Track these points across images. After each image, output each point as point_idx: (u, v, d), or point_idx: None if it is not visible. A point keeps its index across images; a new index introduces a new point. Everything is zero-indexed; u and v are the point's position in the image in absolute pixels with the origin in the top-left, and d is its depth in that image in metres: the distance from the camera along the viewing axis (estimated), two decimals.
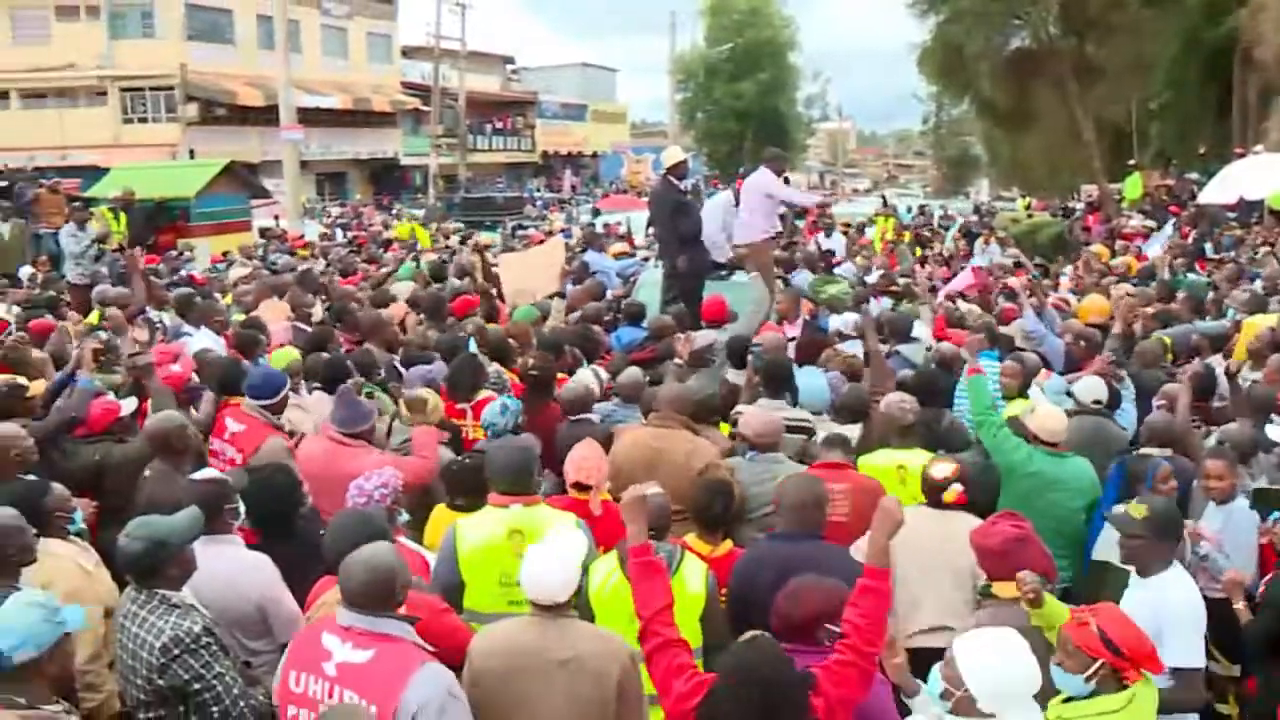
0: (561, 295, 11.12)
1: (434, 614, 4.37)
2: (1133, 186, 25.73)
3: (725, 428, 7.17)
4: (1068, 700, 3.79)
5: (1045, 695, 3.73)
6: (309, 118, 39.09)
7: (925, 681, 3.75)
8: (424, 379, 7.33)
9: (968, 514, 5.21)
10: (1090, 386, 7.55)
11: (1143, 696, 3.72)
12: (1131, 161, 29.42)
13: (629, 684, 3.99)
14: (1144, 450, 6.36)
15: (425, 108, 53.42)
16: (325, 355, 8.03)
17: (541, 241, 19.32)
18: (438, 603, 4.52)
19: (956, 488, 5.23)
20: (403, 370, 8.39)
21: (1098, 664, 3.71)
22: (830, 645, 3.77)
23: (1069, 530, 5.76)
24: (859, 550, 4.97)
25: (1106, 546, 5.38)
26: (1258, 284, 12.88)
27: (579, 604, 4.62)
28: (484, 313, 10.12)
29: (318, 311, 10.27)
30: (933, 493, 5.30)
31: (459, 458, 5.98)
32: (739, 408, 7.39)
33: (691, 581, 4.61)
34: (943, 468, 5.33)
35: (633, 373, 7.55)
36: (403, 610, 3.79)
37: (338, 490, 5.35)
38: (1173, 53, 28.97)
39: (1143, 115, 32.85)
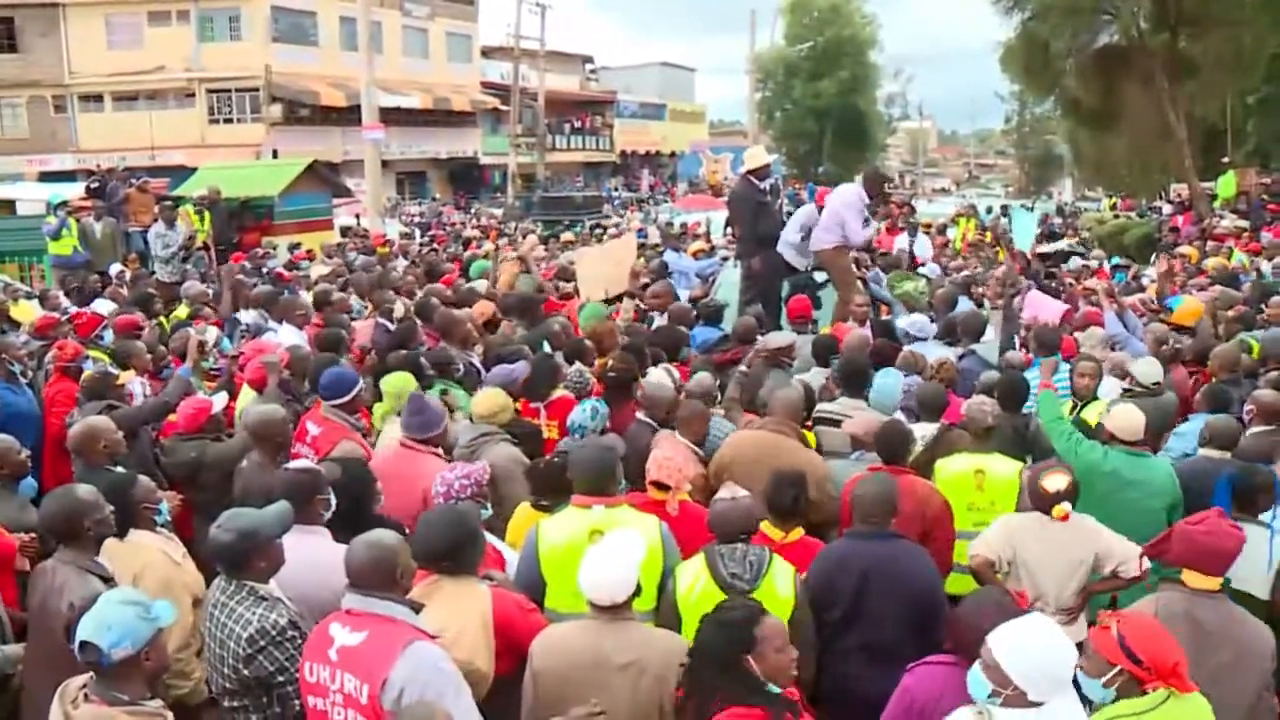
0: (631, 295, 11.08)
1: (521, 612, 4.42)
2: (1226, 185, 25.11)
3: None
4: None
5: None
6: (390, 117, 39.59)
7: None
8: (506, 378, 7.37)
9: (1078, 515, 5.26)
10: (1149, 369, 7.68)
11: (1180, 710, 3.61)
12: (1226, 159, 28.62)
13: None
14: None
15: (504, 107, 53.85)
16: (402, 353, 8.11)
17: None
18: (525, 601, 4.57)
19: (1065, 506, 5.21)
20: (482, 369, 8.46)
21: (1115, 670, 3.65)
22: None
23: (1149, 531, 5.66)
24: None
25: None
26: None
27: (664, 607, 4.69)
28: (488, 321, 10.08)
29: (399, 309, 10.37)
30: (1043, 504, 5.26)
31: (544, 458, 6.01)
32: (820, 406, 7.40)
33: (781, 585, 4.62)
34: (1057, 480, 5.25)
35: (702, 378, 7.56)
36: (410, 592, 3.93)
37: (405, 494, 5.48)
38: (1274, 46, 28.05)
39: (1239, 111, 31.97)
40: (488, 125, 58.32)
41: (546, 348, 8.88)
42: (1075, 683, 3.66)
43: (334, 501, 4.85)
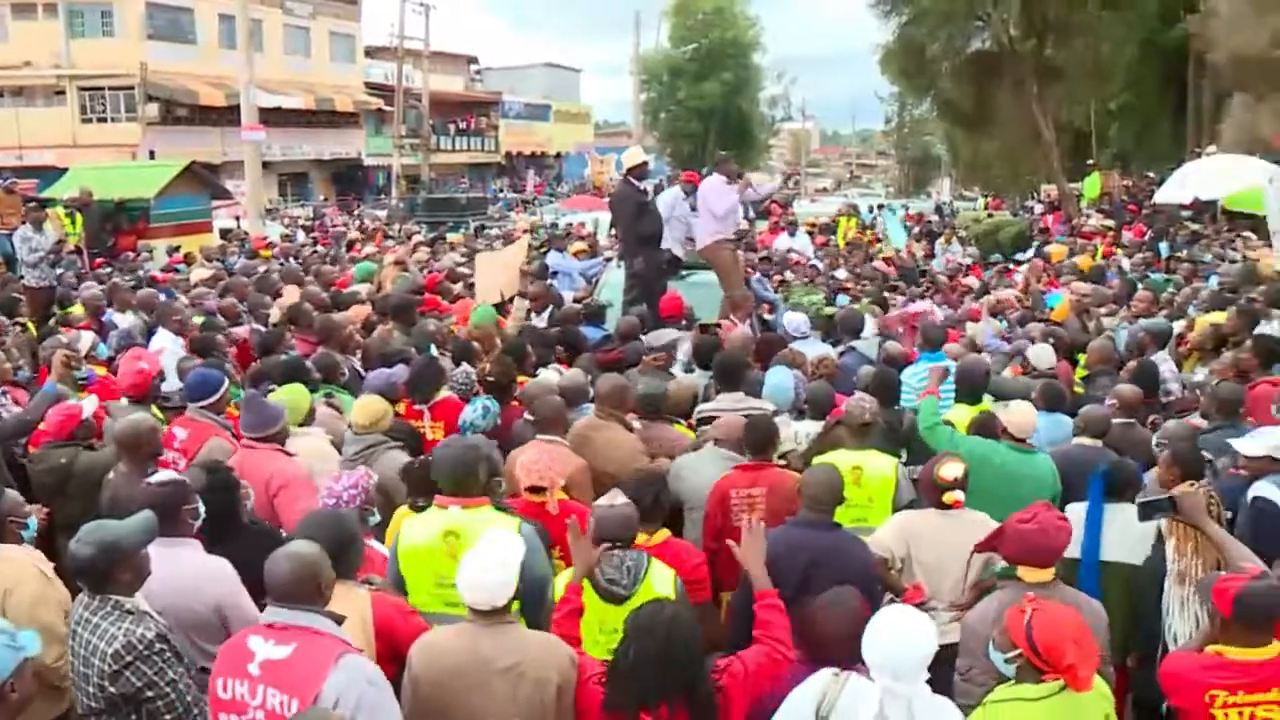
0: (523, 295, 11.08)
1: (402, 616, 4.40)
2: (1091, 186, 26.05)
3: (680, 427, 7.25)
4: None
5: None
6: (271, 118, 38.87)
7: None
8: (385, 383, 7.30)
9: (972, 511, 5.37)
10: (1043, 354, 8.16)
11: (1075, 705, 3.75)
12: (1090, 161, 29.69)
13: (568, 691, 4.00)
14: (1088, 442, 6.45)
15: (388, 108, 53.12)
16: (282, 358, 7.99)
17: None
18: (404, 605, 4.54)
19: (958, 494, 5.32)
20: (363, 373, 8.37)
21: (1016, 652, 3.80)
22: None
23: None
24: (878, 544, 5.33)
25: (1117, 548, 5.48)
26: (1213, 281, 13.09)
27: (545, 614, 4.65)
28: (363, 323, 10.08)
29: (275, 313, 10.20)
30: (937, 493, 5.36)
31: (418, 459, 5.97)
32: (700, 406, 7.48)
33: (660, 588, 4.61)
34: (953, 468, 5.36)
35: (574, 375, 7.59)
36: (332, 604, 3.82)
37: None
38: (1130, 56, 29.34)
39: (1102, 116, 33.18)
40: (371, 126, 57.55)
41: (433, 349, 8.83)
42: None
43: (203, 510, 4.73)
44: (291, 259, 17.58)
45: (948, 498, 5.30)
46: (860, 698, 3.59)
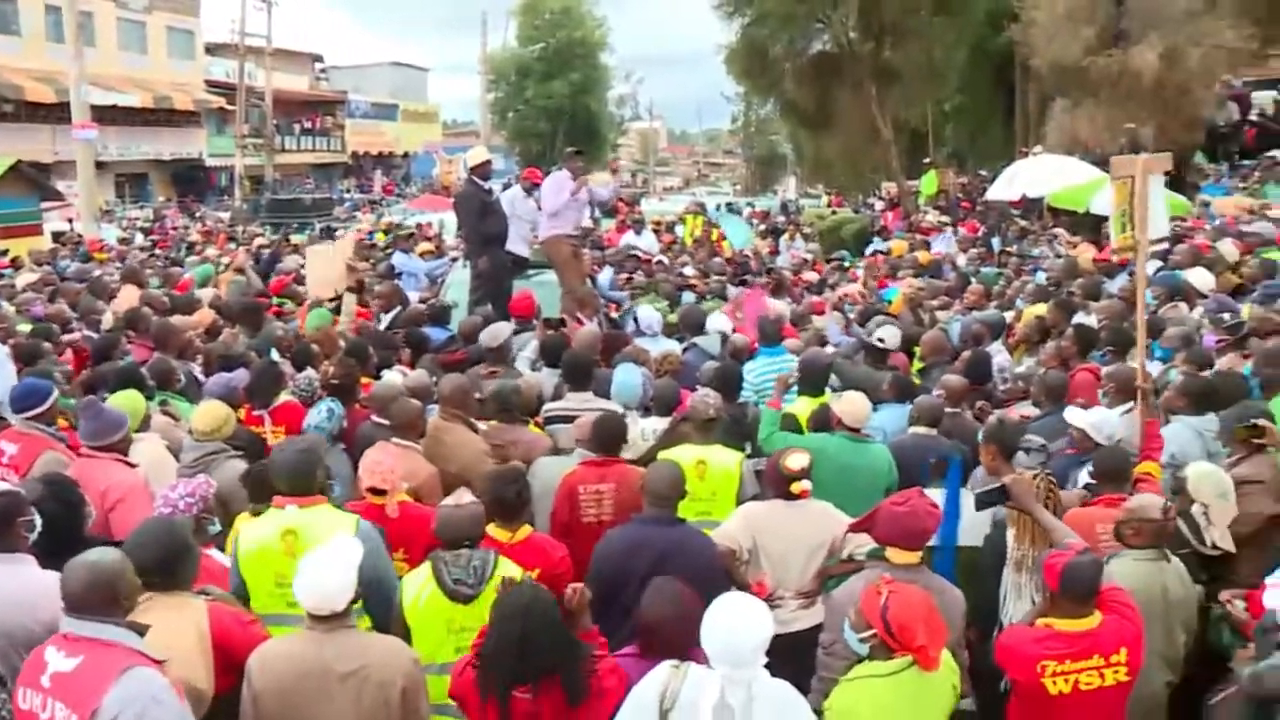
0: (351, 290, 10.92)
1: (240, 626, 4.33)
2: (928, 184, 26.86)
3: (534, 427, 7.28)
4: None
5: None
6: (105, 116, 37.39)
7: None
8: (224, 388, 7.16)
9: (816, 501, 5.52)
10: (893, 333, 8.54)
11: (922, 679, 3.93)
12: (927, 160, 30.64)
13: (413, 693, 4.03)
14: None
15: (230, 106, 51.52)
16: (117, 364, 7.76)
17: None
18: (244, 614, 4.48)
19: (805, 484, 5.44)
20: (202, 379, 8.18)
21: (871, 631, 3.97)
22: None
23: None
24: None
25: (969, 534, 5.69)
26: (1040, 275, 13.68)
27: (394, 617, 4.66)
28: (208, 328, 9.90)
29: (108, 319, 9.87)
30: (783, 483, 5.47)
31: (258, 463, 5.87)
32: (548, 406, 7.52)
33: None
34: (799, 458, 5.48)
35: (418, 376, 7.55)
36: (131, 615, 3.75)
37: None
38: (962, 59, 30.43)
39: (938, 117, 34.25)
40: (213, 125, 55.65)
41: (275, 354, 8.68)
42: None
43: (39, 523, 4.56)
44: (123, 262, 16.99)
45: (795, 487, 5.43)
46: (701, 687, 3.67)
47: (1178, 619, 5.00)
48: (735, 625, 3.65)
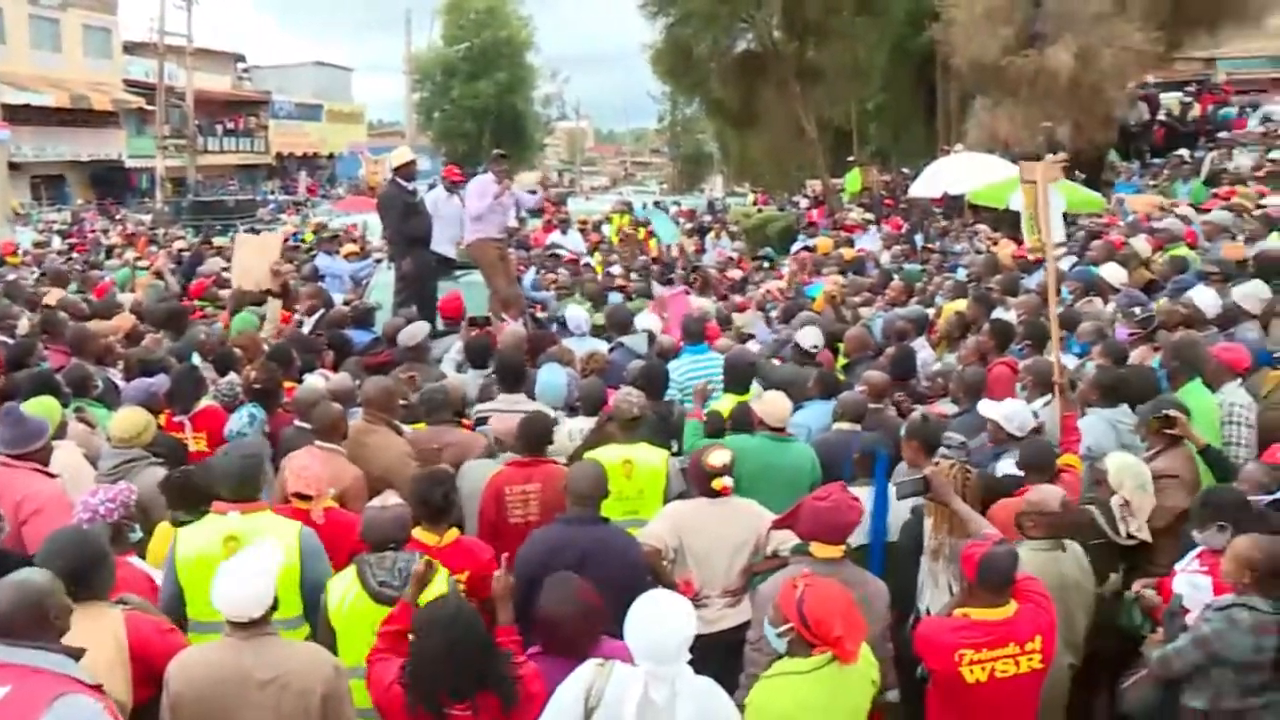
0: (275, 295, 10.80)
1: (159, 634, 4.27)
2: (852, 182, 27.15)
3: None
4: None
5: None
6: (19, 116, 36.56)
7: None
8: (144, 393, 7.05)
9: (740, 498, 5.57)
10: (813, 335, 8.58)
11: (840, 675, 3.97)
12: (851, 158, 30.95)
13: (335, 700, 4.00)
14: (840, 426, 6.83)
15: (150, 107, 50.39)
16: (32, 371, 7.60)
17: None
18: (163, 624, 4.41)
19: (727, 480, 5.48)
20: (121, 385, 8.04)
21: (788, 626, 4.01)
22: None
23: None
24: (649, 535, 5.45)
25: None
26: (960, 272, 13.91)
27: (319, 621, 4.64)
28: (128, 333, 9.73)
29: (24, 324, 9.66)
30: (706, 480, 5.51)
31: (178, 470, 5.80)
32: (478, 407, 7.50)
33: (435, 588, 4.59)
34: (720, 455, 5.53)
35: (341, 380, 7.53)
36: (64, 638, 3.62)
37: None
38: (884, 58, 30.83)
39: (861, 116, 34.63)
40: (133, 126, 54.39)
41: (196, 359, 8.55)
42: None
43: None
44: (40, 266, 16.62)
45: (717, 484, 5.47)
46: (625, 684, 3.67)
47: (1077, 604, 5.15)
48: (659, 622, 3.66)
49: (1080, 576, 5.18)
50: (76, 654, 3.58)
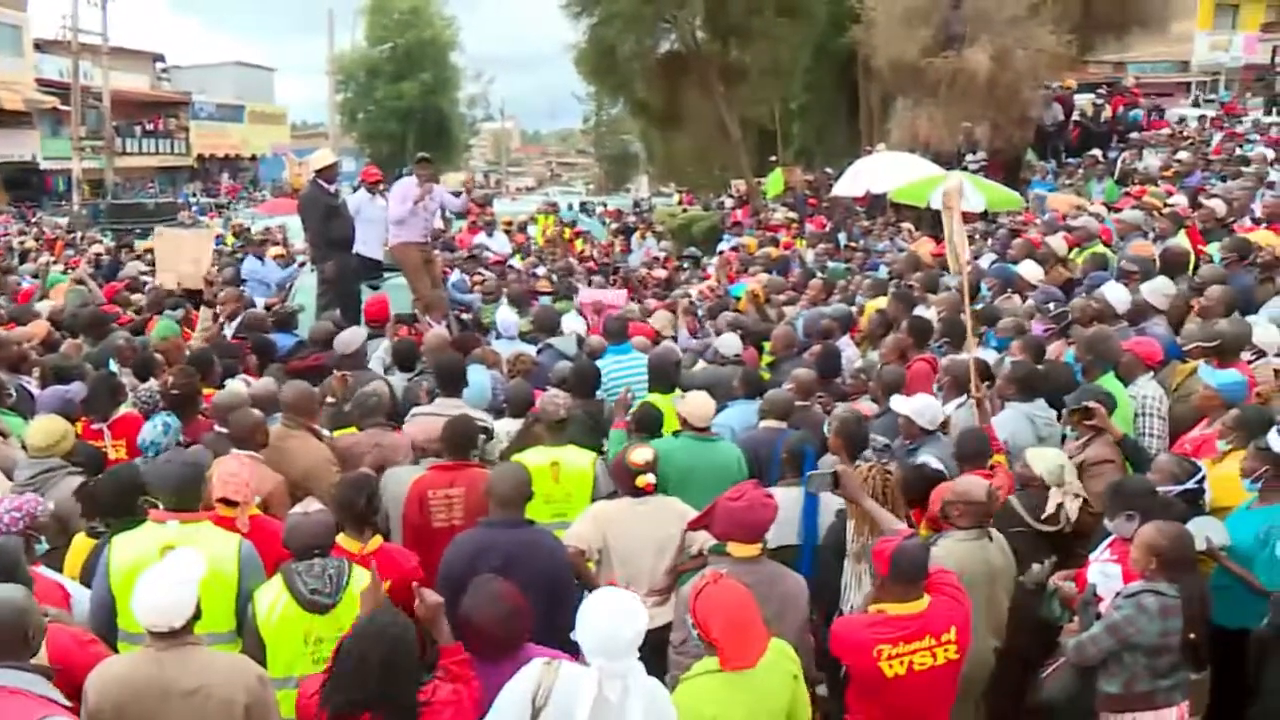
0: (209, 304, 10.66)
1: (79, 646, 4.21)
2: (774, 182, 27.32)
3: None
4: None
5: None
6: None
7: None
8: (60, 401, 6.93)
9: (664, 497, 5.62)
10: (731, 342, 8.66)
11: (757, 672, 3.99)
12: (774, 158, 31.16)
13: (259, 710, 3.96)
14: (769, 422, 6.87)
15: (65, 107, 49.28)
16: None
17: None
18: (82, 635, 4.34)
19: (649, 477, 5.52)
20: (35, 392, 7.89)
21: (692, 624, 4.07)
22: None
23: None
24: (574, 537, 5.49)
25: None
26: (882, 270, 14.10)
27: (247, 633, 4.60)
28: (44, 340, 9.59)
29: None
30: (629, 478, 5.55)
31: (92, 478, 5.70)
32: (414, 410, 7.46)
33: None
34: (642, 453, 5.56)
35: (265, 384, 7.47)
36: (38, 655, 3.59)
37: None
38: (807, 59, 31.12)
39: (785, 116, 34.86)
40: (47, 127, 53.08)
41: (114, 365, 8.42)
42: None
43: None
44: None
45: (640, 481, 5.51)
46: (577, 682, 3.64)
47: (1001, 589, 5.28)
48: (612, 616, 3.63)
49: (1004, 564, 5.30)
50: (48, 673, 3.54)
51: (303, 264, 14.48)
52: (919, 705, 4.50)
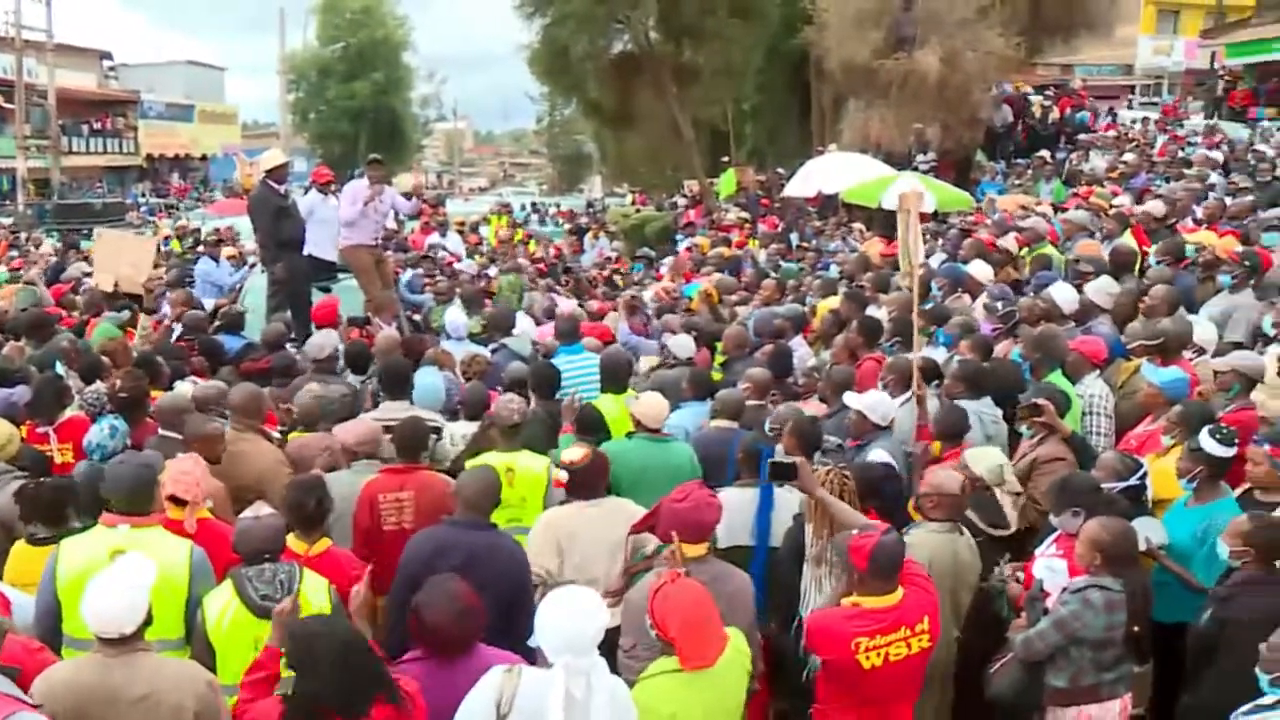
0: (150, 313, 10.55)
1: (26, 654, 4.15)
2: (727, 182, 27.42)
3: None
4: None
5: None
6: None
7: None
8: (4, 403, 6.84)
9: (616, 498, 5.64)
10: (684, 343, 8.72)
11: (713, 670, 4.00)
12: (726, 159, 31.30)
13: (209, 714, 3.93)
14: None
15: (9, 105, 48.53)
16: None
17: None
18: (30, 642, 4.29)
19: (562, 475, 5.56)
20: None
21: (650, 624, 4.08)
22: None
23: None
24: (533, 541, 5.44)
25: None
26: (833, 269, 14.19)
27: (196, 639, 4.56)
28: None
29: None
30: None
31: (34, 481, 5.62)
32: (362, 415, 7.41)
33: (315, 599, 4.58)
34: (574, 451, 5.60)
35: (212, 385, 7.39)
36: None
37: None
38: (759, 61, 31.33)
39: (737, 116, 35.01)
40: None
41: (60, 368, 8.31)
42: None
43: None
44: None
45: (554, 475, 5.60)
46: (541, 686, 3.62)
47: (964, 582, 5.40)
48: (574, 613, 3.63)
49: (970, 557, 5.42)
50: (12, 674, 3.52)
51: (253, 265, 14.36)
52: (891, 694, 4.58)
